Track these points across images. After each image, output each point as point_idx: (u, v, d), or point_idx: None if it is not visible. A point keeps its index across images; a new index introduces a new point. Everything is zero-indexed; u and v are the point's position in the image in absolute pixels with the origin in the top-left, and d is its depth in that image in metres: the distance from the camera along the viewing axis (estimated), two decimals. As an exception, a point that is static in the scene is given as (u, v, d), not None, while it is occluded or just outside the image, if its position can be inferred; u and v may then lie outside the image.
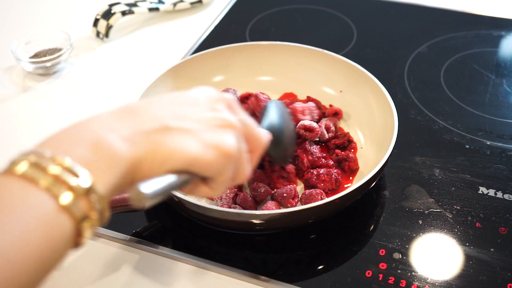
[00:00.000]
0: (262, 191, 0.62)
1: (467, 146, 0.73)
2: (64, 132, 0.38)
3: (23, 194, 0.34)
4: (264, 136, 0.50)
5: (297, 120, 0.70)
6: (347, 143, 0.69)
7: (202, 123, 0.44)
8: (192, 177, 0.43)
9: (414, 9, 1.03)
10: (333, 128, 0.71)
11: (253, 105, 0.73)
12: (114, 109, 0.42)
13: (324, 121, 0.71)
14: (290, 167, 0.66)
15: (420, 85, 0.85)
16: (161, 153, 0.40)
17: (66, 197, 0.35)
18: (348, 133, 0.71)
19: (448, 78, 0.86)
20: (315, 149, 0.67)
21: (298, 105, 0.71)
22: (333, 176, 0.64)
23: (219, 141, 0.43)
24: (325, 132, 0.69)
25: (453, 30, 0.97)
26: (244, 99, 0.75)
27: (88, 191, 0.35)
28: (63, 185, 0.35)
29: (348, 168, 0.67)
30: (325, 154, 0.68)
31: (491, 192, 0.66)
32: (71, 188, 0.35)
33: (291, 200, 0.62)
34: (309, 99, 0.76)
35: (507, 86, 0.85)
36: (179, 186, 0.42)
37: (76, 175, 0.35)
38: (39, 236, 0.33)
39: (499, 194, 0.66)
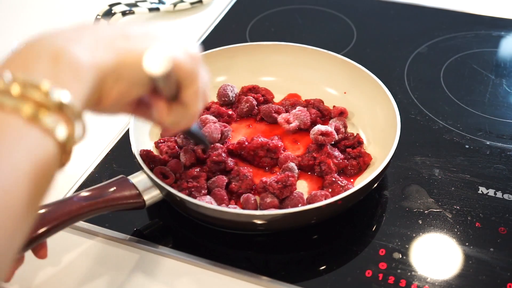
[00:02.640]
0: (268, 201, 0.61)
1: (467, 146, 0.73)
2: (22, 49, 0.36)
3: None
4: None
5: (284, 130, 0.71)
6: (357, 144, 0.69)
7: (164, 35, 0.44)
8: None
9: (414, 9, 1.03)
10: (342, 129, 0.71)
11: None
12: (71, 25, 0.40)
13: (333, 123, 0.71)
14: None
15: (420, 85, 0.85)
16: (131, 57, 0.40)
17: (37, 113, 0.33)
18: (358, 134, 0.71)
19: (448, 78, 0.87)
20: (336, 152, 0.67)
21: (280, 118, 0.71)
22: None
23: (186, 44, 0.44)
24: (335, 134, 0.69)
25: (453, 30, 0.97)
26: (246, 92, 0.77)
27: (61, 106, 0.34)
28: (30, 102, 0.33)
29: (364, 163, 0.66)
30: (343, 156, 0.68)
31: (491, 192, 0.66)
32: (41, 105, 0.34)
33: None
34: (307, 102, 0.76)
35: (507, 86, 0.85)
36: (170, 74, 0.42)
37: (44, 91, 0.34)
38: (25, 159, 0.33)
39: (499, 194, 0.66)
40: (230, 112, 0.73)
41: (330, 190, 0.62)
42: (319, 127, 0.68)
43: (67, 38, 0.37)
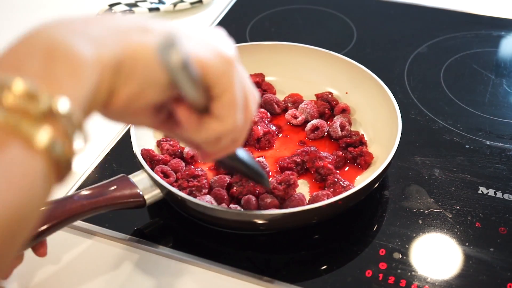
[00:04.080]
0: (269, 201, 0.61)
1: (467, 146, 0.73)
2: (15, 45, 0.31)
3: None
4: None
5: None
6: (358, 144, 0.69)
7: (193, 31, 0.37)
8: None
9: (414, 9, 1.04)
10: (348, 127, 0.71)
11: None
12: (82, 15, 0.34)
13: (340, 119, 0.71)
14: None
15: (420, 85, 0.85)
16: (145, 50, 0.33)
17: (26, 128, 0.28)
18: (362, 135, 0.71)
19: (448, 78, 0.87)
20: (323, 153, 0.66)
21: (287, 115, 0.74)
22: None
23: (217, 43, 0.37)
24: (339, 129, 0.69)
25: (453, 30, 0.97)
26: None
27: (53, 113, 0.28)
28: (20, 114, 0.28)
29: (365, 162, 0.66)
30: (331, 153, 0.68)
31: (491, 192, 0.66)
32: (30, 116, 0.28)
33: None
34: (317, 96, 0.77)
35: (507, 86, 0.85)
36: (194, 75, 0.35)
37: (34, 97, 0.28)
38: (7, 182, 0.27)
39: (499, 194, 0.66)
40: None
41: (332, 190, 0.62)
42: (313, 122, 0.70)
43: (70, 30, 0.32)
